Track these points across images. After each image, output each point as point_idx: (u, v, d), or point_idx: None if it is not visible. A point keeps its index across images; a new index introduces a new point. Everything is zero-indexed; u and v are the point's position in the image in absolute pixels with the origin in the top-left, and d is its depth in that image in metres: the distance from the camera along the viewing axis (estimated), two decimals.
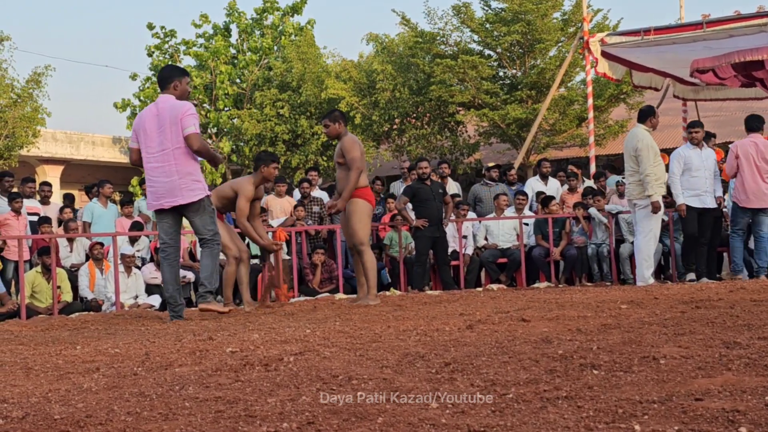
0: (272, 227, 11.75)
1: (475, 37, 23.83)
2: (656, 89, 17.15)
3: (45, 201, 13.59)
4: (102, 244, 11.80)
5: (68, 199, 14.45)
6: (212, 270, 7.61)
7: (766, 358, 3.73)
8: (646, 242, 10.43)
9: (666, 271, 12.59)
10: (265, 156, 9.24)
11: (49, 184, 14.22)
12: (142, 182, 15.35)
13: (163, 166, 7.46)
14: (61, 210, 13.24)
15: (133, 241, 12.22)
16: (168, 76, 7.70)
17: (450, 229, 12.59)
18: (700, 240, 10.99)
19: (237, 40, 28.16)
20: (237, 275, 9.18)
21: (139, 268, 11.93)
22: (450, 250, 12.40)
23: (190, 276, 12.06)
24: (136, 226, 12.55)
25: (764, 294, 7.04)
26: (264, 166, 9.05)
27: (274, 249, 9.37)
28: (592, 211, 12.58)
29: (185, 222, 8.03)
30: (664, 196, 10.92)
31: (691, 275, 10.97)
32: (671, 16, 76.73)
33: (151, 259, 12.44)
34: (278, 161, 9.43)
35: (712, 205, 11.00)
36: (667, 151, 18.84)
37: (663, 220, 11.95)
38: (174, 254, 7.74)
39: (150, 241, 12.86)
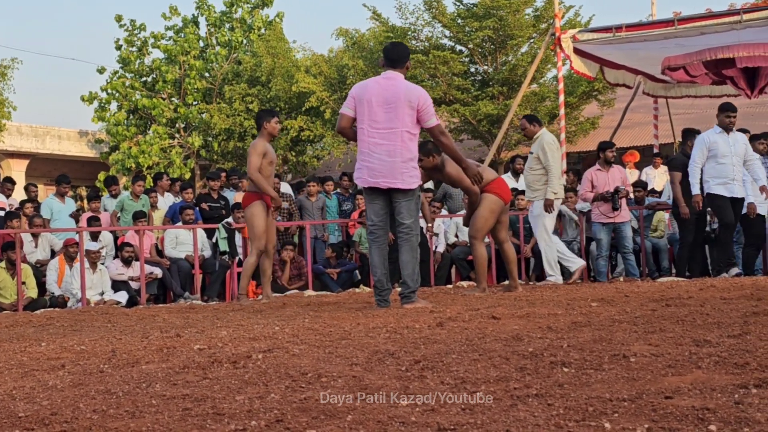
0: (240, 224, 11.70)
1: (447, 33, 23.84)
2: (628, 86, 17.24)
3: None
4: (77, 243, 11.72)
5: (34, 186, 14.38)
6: (413, 266, 7.28)
7: (736, 357, 3.74)
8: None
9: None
10: (264, 113, 9.42)
11: (12, 181, 14.14)
12: (106, 178, 15.25)
13: (388, 145, 7.16)
14: (22, 204, 13.11)
15: (94, 236, 12.10)
16: (405, 55, 7.42)
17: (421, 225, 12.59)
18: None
19: (206, 33, 28.03)
20: (260, 267, 9.39)
21: (104, 264, 11.83)
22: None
23: (157, 272, 11.98)
24: (94, 222, 12.44)
25: (734, 292, 7.07)
26: (266, 123, 9.17)
27: (280, 203, 9.62)
28: (563, 208, 12.60)
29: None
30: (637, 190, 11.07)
31: (735, 269, 10.46)
32: (643, 13, 77.19)
33: (116, 256, 12.34)
34: (278, 116, 9.49)
35: (741, 194, 10.56)
36: (638, 149, 19.02)
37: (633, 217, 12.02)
38: (384, 236, 7.41)
39: (117, 237, 12.77)
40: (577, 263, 10.74)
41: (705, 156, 10.54)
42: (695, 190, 10.58)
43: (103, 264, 11.75)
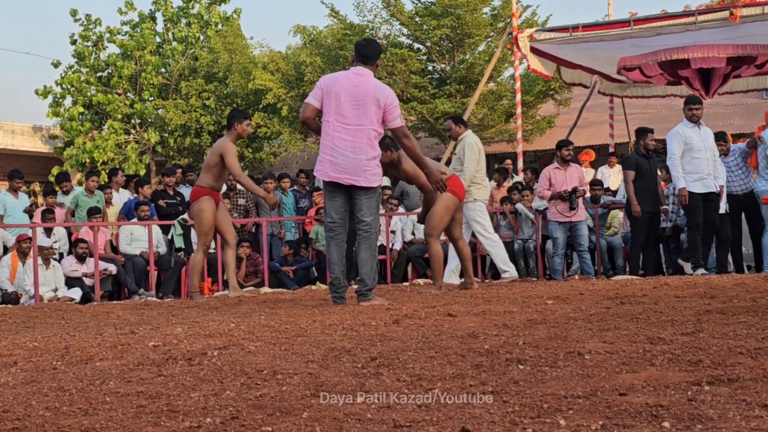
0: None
1: (405, 31, 23.85)
2: (584, 86, 17.35)
3: None
4: (30, 238, 11.59)
5: None
6: (371, 264, 7.25)
7: (689, 354, 3.77)
8: None
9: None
10: (237, 113, 9.38)
11: None
12: (57, 174, 15.06)
13: (354, 141, 7.11)
14: None
15: (48, 232, 11.97)
16: (377, 53, 7.43)
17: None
18: (708, 228, 10.52)
19: (163, 29, 27.83)
20: (224, 260, 9.53)
21: (57, 260, 11.70)
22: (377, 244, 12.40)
23: (112, 268, 11.88)
24: (48, 216, 12.30)
25: (687, 290, 7.14)
26: (237, 123, 9.19)
27: (273, 201, 9.70)
28: (519, 206, 12.66)
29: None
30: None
31: (701, 270, 10.42)
32: (599, 13, 77.80)
33: (70, 252, 12.22)
34: (250, 118, 9.49)
35: (715, 189, 10.50)
36: (594, 148, 19.15)
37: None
38: (343, 234, 7.33)
39: (71, 233, 12.63)
40: (511, 273, 10.72)
41: (682, 149, 10.43)
42: (681, 183, 10.41)
43: (56, 260, 11.63)
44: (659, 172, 11.92)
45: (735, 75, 13.86)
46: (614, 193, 14.04)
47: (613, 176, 15.81)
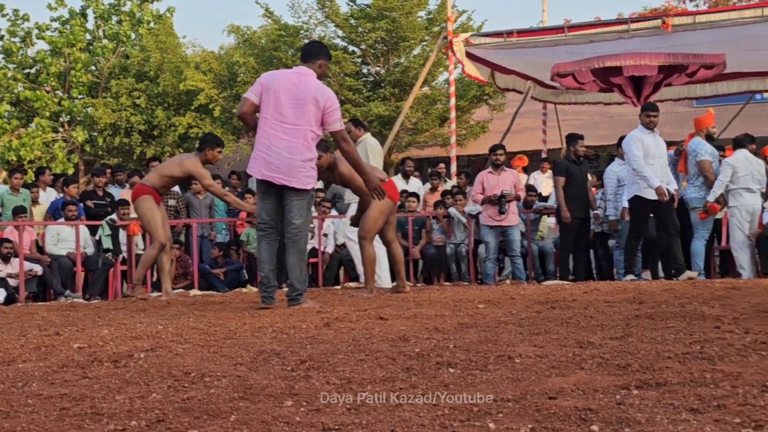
0: (125, 221, 11.48)
1: (340, 33, 23.84)
2: (518, 92, 17.47)
3: None
4: None
5: None
6: (300, 269, 7.16)
7: (618, 358, 3.80)
8: None
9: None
10: (211, 139, 9.50)
11: None
12: None
13: (290, 141, 7.02)
14: None
15: None
16: (318, 52, 7.38)
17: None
18: (671, 229, 10.34)
19: (93, 26, 27.47)
20: (158, 263, 9.47)
21: None
22: (309, 247, 12.34)
23: (37, 269, 11.67)
24: None
25: (617, 295, 7.22)
26: (209, 149, 9.26)
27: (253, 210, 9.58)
28: (452, 210, 12.70)
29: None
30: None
31: (630, 276, 10.47)
32: (534, 19, 78.58)
33: None
34: (223, 146, 9.72)
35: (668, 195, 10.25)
36: (526, 153, 19.28)
37: (522, 220, 12.14)
38: (273, 234, 7.23)
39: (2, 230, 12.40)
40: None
41: (643, 152, 10.21)
42: (656, 183, 10.11)
43: None
44: (590, 178, 12.05)
45: (666, 83, 14.08)
46: (545, 198, 14.16)
47: (545, 182, 15.94)
